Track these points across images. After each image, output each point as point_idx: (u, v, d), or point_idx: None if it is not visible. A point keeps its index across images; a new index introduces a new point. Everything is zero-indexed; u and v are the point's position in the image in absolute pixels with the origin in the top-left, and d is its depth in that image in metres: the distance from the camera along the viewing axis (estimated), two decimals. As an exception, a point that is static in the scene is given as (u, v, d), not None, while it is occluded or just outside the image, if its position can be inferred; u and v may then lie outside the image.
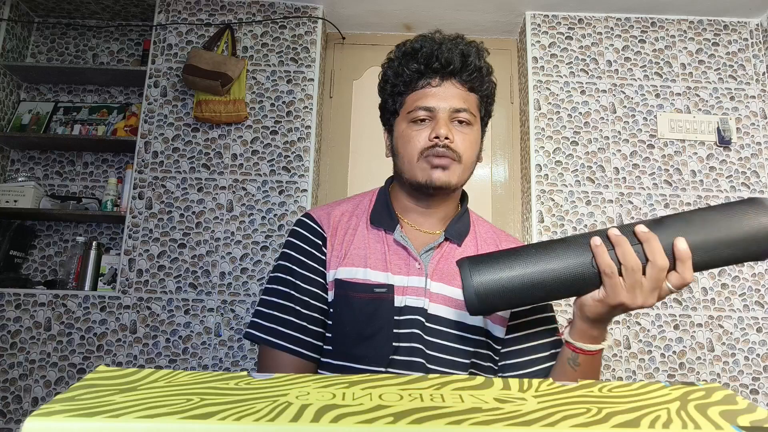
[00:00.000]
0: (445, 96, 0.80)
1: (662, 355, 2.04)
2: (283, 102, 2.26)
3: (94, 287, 2.14)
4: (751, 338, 2.05)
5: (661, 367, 2.03)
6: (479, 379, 0.37)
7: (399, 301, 0.78)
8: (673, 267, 0.59)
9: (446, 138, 0.78)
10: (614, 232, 0.60)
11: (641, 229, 0.59)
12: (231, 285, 2.08)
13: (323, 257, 0.82)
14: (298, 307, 0.79)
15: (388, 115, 0.87)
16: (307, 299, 0.80)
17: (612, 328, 2.06)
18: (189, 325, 2.04)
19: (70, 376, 1.99)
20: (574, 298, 0.65)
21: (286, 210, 2.16)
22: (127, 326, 2.03)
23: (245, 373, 0.37)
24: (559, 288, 0.61)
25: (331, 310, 0.81)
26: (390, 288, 0.78)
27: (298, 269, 0.82)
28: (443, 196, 0.84)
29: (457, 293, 0.80)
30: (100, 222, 2.32)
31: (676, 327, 2.07)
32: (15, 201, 2.17)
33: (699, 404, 0.32)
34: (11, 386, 1.97)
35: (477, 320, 0.80)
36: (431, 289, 0.80)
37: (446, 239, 0.84)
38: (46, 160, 2.40)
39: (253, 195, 2.17)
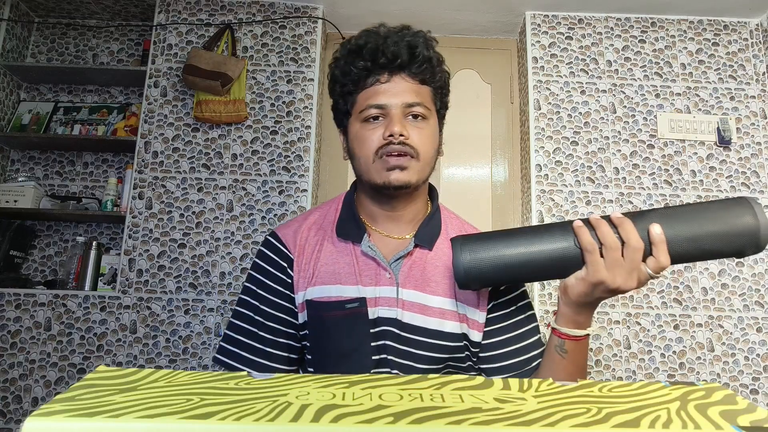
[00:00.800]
0: (395, 91, 0.77)
1: (662, 355, 2.04)
2: (283, 102, 2.26)
3: (94, 287, 2.14)
4: (751, 338, 2.05)
5: (661, 367, 2.03)
6: (479, 379, 0.37)
7: (372, 313, 0.77)
8: (650, 252, 0.61)
9: (401, 135, 0.75)
10: (594, 217, 0.64)
11: (616, 215, 0.63)
12: (231, 285, 2.08)
13: (289, 280, 0.81)
14: (262, 333, 0.79)
15: (341, 116, 0.84)
16: (271, 324, 0.79)
17: (612, 328, 2.06)
18: (189, 325, 2.04)
19: (70, 376, 1.99)
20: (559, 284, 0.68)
21: (286, 210, 2.16)
22: (127, 326, 2.03)
23: (245, 373, 0.37)
24: (543, 266, 0.64)
25: (306, 331, 0.79)
26: (362, 301, 0.77)
27: (263, 293, 0.81)
28: (406, 196, 0.81)
29: (430, 300, 0.79)
30: (100, 222, 2.32)
31: (676, 327, 2.07)
32: (15, 201, 2.17)
33: (699, 404, 0.32)
34: (11, 386, 1.97)
35: (454, 326, 0.79)
36: (404, 297, 0.78)
37: (416, 246, 0.81)
38: (46, 160, 2.40)
39: (253, 195, 2.17)
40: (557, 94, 2.28)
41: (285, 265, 0.81)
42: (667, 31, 2.35)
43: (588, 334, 0.69)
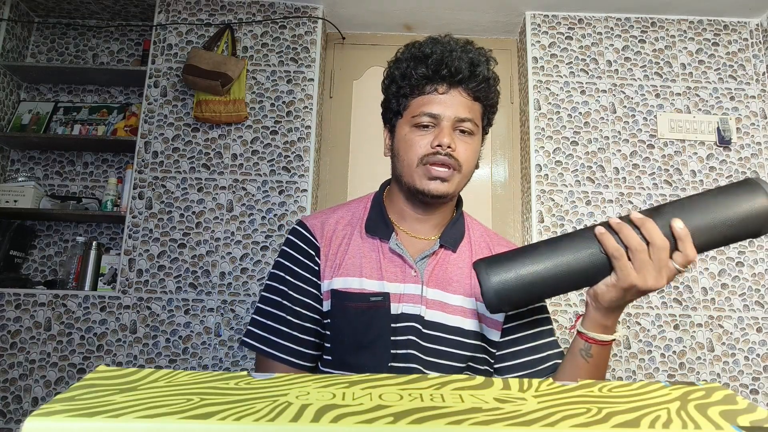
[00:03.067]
0: (450, 104, 0.80)
1: (662, 355, 2.04)
2: (283, 102, 2.26)
3: (94, 287, 2.14)
4: (751, 338, 2.05)
5: (661, 367, 2.03)
6: (479, 379, 0.37)
7: (395, 308, 0.79)
8: (675, 247, 0.61)
9: (449, 146, 0.77)
10: (614, 220, 0.63)
11: (636, 215, 0.63)
12: (231, 285, 2.08)
13: (316, 267, 0.83)
14: (290, 317, 0.80)
15: (391, 114, 0.86)
16: (299, 309, 0.81)
17: (612, 328, 2.06)
18: (189, 325, 2.04)
19: (70, 376, 1.99)
20: (587, 289, 0.67)
21: (286, 210, 2.16)
22: (127, 326, 2.03)
23: (245, 373, 0.37)
24: (572, 278, 0.63)
25: (328, 320, 0.81)
26: (386, 296, 0.79)
27: (291, 279, 0.82)
28: (439, 204, 0.85)
29: (452, 299, 0.81)
30: (100, 222, 2.32)
31: (676, 327, 2.07)
32: (15, 201, 2.17)
33: (699, 404, 0.32)
34: (11, 386, 1.97)
35: (474, 325, 0.81)
36: (427, 296, 0.80)
37: (441, 246, 0.84)
38: (46, 160, 2.40)
39: (253, 195, 2.17)
40: (557, 94, 2.28)
41: (313, 253, 0.84)
42: (667, 31, 2.35)
43: (614, 339, 0.70)
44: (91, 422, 0.27)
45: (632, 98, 2.28)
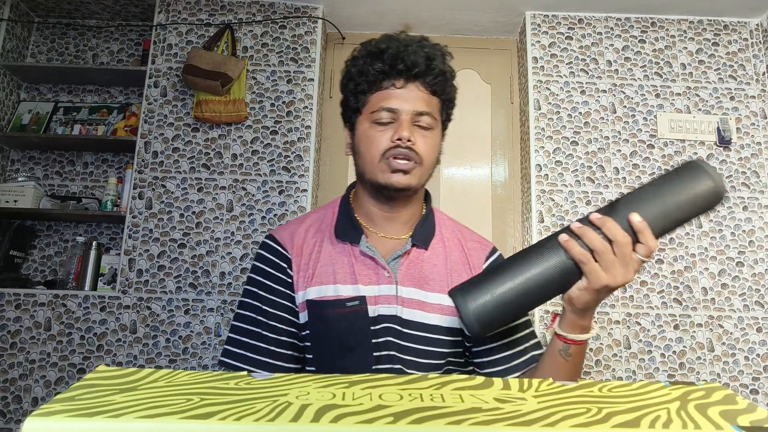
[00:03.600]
0: (408, 98, 0.80)
1: (662, 355, 2.04)
2: (283, 102, 2.26)
3: (94, 287, 2.14)
4: (751, 338, 2.05)
5: (661, 367, 2.03)
6: (479, 379, 0.37)
7: (373, 311, 0.80)
8: (636, 240, 0.63)
9: (408, 140, 0.78)
10: (576, 225, 0.64)
11: (594, 216, 0.64)
12: (231, 285, 2.08)
13: (289, 280, 0.83)
14: (265, 332, 0.80)
15: (350, 112, 0.86)
16: (274, 323, 0.81)
17: (612, 328, 2.06)
18: (189, 325, 2.04)
19: (70, 376, 1.99)
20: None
21: (286, 210, 2.16)
22: (127, 326, 2.03)
23: (245, 373, 0.37)
24: (546, 289, 0.65)
25: (307, 331, 0.81)
26: (362, 299, 0.79)
27: (264, 294, 0.82)
28: (404, 198, 0.85)
29: (431, 297, 0.82)
30: (100, 222, 2.32)
31: (676, 327, 2.07)
32: (15, 201, 2.17)
33: (699, 404, 0.32)
34: (11, 386, 1.97)
35: (452, 321, 0.81)
36: (403, 295, 0.81)
37: (413, 245, 0.85)
38: (46, 160, 2.40)
39: (253, 195, 2.17)
40: (557, 94, 2.28)
41: (284, 265, 0.84)
42: (667, 31, 2.35)
43: (591, 337, 0.72)
44: (91, 422, 0.27)
45: (632, 98, 2.28)
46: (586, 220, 0.65)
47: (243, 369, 0.79)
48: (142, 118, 2.22)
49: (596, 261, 0.63)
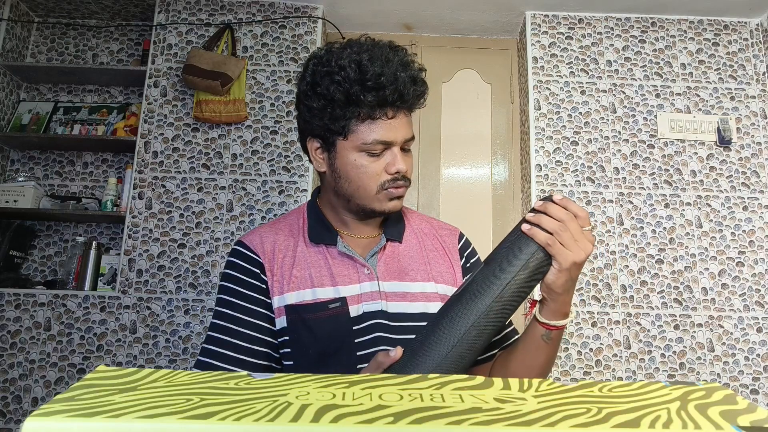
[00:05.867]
0: (399, 127, 0.80)
1: (662, 355, 2.04)
2: (283, 102, 2.26)
3: (94, 287, 2.14)
4: (751, 338, 2.05)
5: (661, 367, 2.03)
6: (479, 379, 0.37)
7: (355, 310, 0.80)
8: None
9: (405, 170, 0.81)
10: (530, 216, 0.68)
11: (537, 204, 0.69)
12: (231, 285, 2.08)
13: (264, 285, 0.81)
14: (238, 341, 0.79)
15: (327, 133, 0.81)
16: (247, 332, 0.79)
17: (612, 328, 2.06)
18: (189, 325, 2.04)
19: (70, 376, 1.99)
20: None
21: (286, 210, 2.15)
22: (127, 326, 2.03)
23: (245, 373, 0.37)
24: (526, 284, 0.67)
25: (286, 337, 0.80)
26: (343, 300, 0.80)
27: (237, 301, 0.81)
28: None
29: (412, 287, 0.84)
30: (100, 222, 2.32)
31: (676, 327, 2.06)
32: (15, 201, 2.17)
33: (699, 404, 0.32)
34: (11, 386, 1.97)
35: (437, 307, 0.81)
36: (385, 289, 0.82)
37: (387, 240, 0.87)
38: (46, 160, 2.40)
39: (253, 195, 2.17)
40: (557, 94, 2.28)
41: (257, 271, 0.82)
42: (667, 31, 2.35)
43: (572, 319, 0.75)
44: (90, 422, 0.27)
45: (632, 98, 2.28)
46: (532, 212, 0.69)
47: None
48: (142, 118, 2.22)
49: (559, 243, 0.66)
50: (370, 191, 0.80)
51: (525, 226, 0.67)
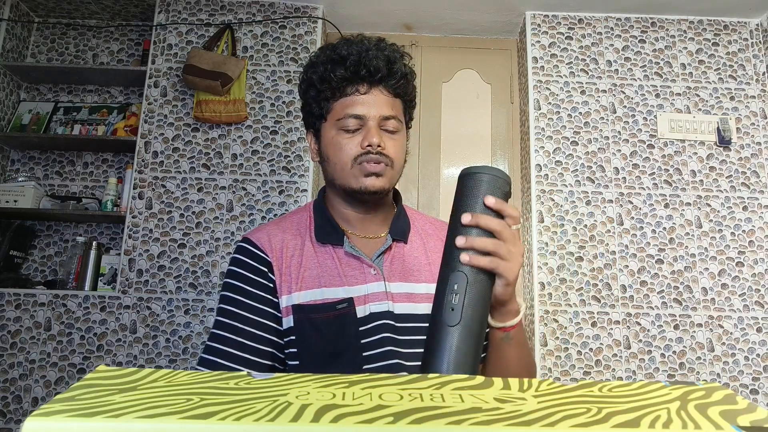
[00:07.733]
0: (373, 103, 0.81)
1: (662, 355, 2.04)
2: (283, 102, 2.26)
3: (94, 287, 2.14)
4: (751, 338, 2.05)
5: (661, 367, 2.03)
6: (479, 379, 0.37)
7: (362, 311, 0.79)
8: (501, 218, 0.63)
9: (378, 145, 0.79)
10: (460, 241, 0.61)
11: (465, 219, 0.61)
12: (231, 285, 2.08)
13: (271, 285, 0.80)
14: (244, 340, 0.78)
15: (313, 119, 0.86)
16: (254, 330, 0.78)
17: (612, 328, 2.06)
18: (189, 325, 2.04)
19: (70, 376, 1.99)
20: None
21: (286, 210, 2.16)
22: (127, 326, 2.03)
23: (245, 373, 0.37)
24: (479, 312, 0.60)
25: (293, 336, 0.79)
26: (350, 301, 0.79)
27: (243, 299, 0.80)
28: (377, 200, 0.86)
29: (418, 288, 0.83)
30: (100, 222, 2.32)
31: (676, 327, 2.07)
32: (15, 201, 2.17)
33: (699, 404, 0.32)
34: (11, 386, 1.97)
35: None
36: (391, 290, 0.82)
37: (393, 240, 0.86)
38: (46, 160, 2.40)
39: (253, 195, 2.17)
40: (557, 94, 2.28)
41: (265, 269, 0.81)
42: (667, 31, 2.35)
43: (524, 314, 0.74)
44: (90, 422, 0.27)
45: (632, 98, 2.28)
46: (457, 230, 0.62)
47: None
48: (142, 118, 2.22)
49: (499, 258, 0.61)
50: (346, 167, 0.81)
51: (464, 258, 0.60)
